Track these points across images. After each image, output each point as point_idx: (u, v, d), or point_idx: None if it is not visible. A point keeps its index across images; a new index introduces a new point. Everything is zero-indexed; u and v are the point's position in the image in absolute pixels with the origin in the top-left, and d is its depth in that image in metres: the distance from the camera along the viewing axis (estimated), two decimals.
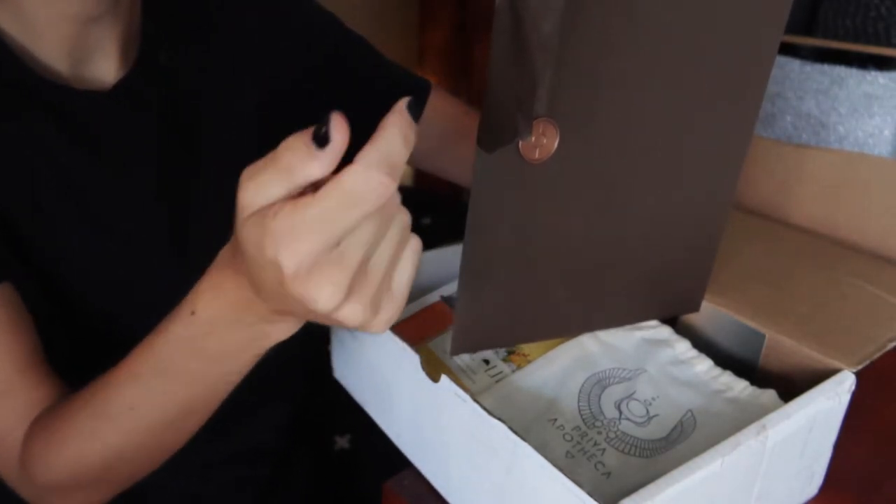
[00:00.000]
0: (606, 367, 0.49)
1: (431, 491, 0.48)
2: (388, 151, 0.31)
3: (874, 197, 0.66)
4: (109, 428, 0.45)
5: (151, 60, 0.58)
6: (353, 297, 0.32)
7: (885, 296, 0.55)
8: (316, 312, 0.32)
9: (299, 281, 0.31)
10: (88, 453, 0.46)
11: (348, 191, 0.30)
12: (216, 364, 0.41)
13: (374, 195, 0.30)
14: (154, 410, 0.44)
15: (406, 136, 0.32)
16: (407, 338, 0.47)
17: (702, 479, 0.37)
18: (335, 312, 0.32)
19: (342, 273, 0.31)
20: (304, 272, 0.30)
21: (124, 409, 0.44)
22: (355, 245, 0.31)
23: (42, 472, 0.47)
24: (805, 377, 0.47)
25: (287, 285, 0.31)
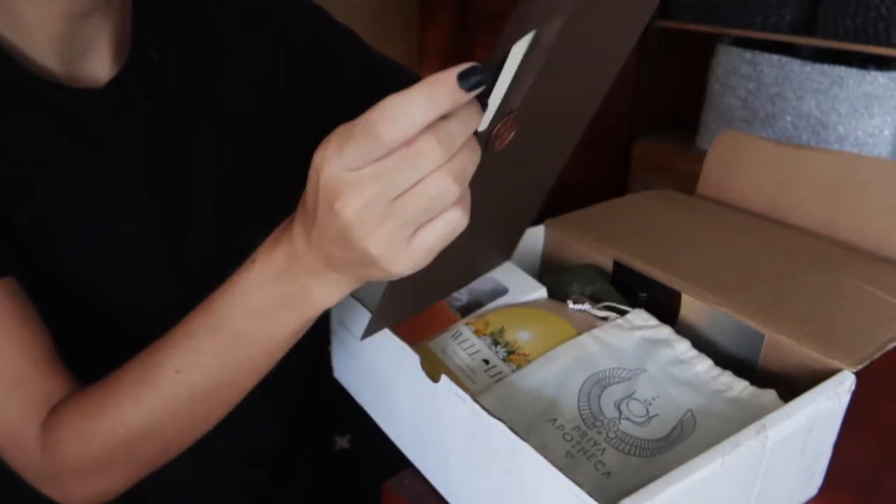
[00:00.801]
0: (606, 367, 0.49)
1: (431, 491, 0.48)
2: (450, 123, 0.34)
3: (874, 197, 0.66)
4: (152, 393, 0.46)
5: (143, 58, 0.58)
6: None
7: (885, 296, 0.55)
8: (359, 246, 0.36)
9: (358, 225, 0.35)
10: (129, 420, 0.47)
11: (414, 154, 0.33)
12: (262, 321, 0.43)
13: (433, 162, 0.33)
14: (198, 374, 0.45)
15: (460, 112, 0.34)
16: (407, 338, 0.47)
17: (702, 479, 0.37)
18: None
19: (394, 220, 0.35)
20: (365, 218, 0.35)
21: (171, 371, 0.45)
22: (402, 199, 0.35)
23: (76, 448, 0.48)
24: (805, 377, 0.47)
25: (347, 229, 0.35)
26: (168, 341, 0.46)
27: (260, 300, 0.42)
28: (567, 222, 0.67)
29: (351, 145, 0.34)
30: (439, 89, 0.32)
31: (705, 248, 0.63)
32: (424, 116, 0.32)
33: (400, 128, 0.33)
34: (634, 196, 0.75)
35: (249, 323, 0.43)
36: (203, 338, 0.45)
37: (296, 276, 0.41)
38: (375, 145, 0.33)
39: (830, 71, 1.60)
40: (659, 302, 0.57)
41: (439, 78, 0.32)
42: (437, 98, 0.32)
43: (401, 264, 0.36)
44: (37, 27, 0.52)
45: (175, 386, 0.46)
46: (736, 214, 0.72)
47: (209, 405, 0.47)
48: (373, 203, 0.35)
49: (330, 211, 0.36)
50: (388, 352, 0.49)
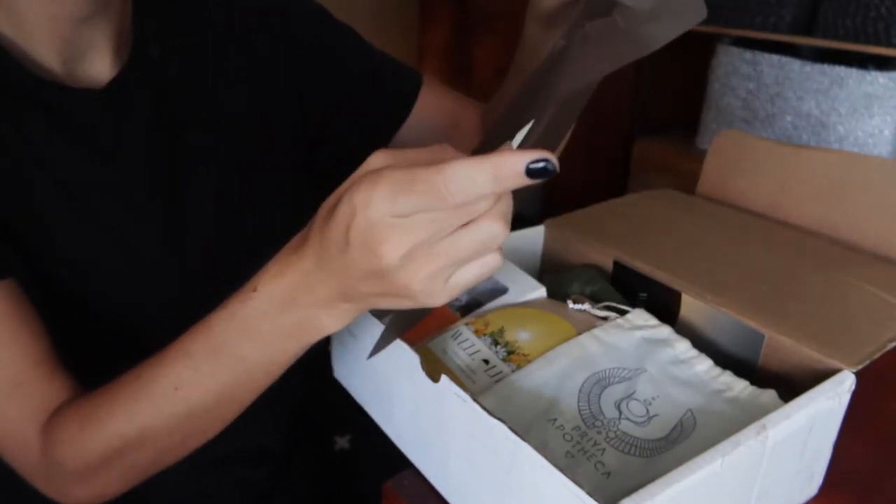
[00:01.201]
0: (606, 367, 0.49)
1: (431, 491, 0.48)
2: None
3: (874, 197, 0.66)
4: (147, 408, 0.46)
5: (143, 57, 0.58)
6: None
7: (885, 296, 0.55)
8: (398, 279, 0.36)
9: (403, 271, 0.35)
10: (124, 432, 0.47)
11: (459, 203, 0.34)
12: (264, 347, 0.43)
13: (484, 207, 0.35)
14: (196, 392, 0.45)
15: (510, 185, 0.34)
16: (407, 338, 0.47)
17: (702, 479, 0.37)
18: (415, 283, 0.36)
19: (433, 264, 0.35)
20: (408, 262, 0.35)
21: (169, 388, 0.45)
22: (446, 242, 0.35)
23: (72, 453, 0.48)
24: (805, 377, 0.47)
25: (387, 273, 0.35)
26: (166, 358, 0.46)
27: (262, 328, 0.42)
28: (567, 222, 0.67)
29: (407, 197, 0.34)
30: (506, 173, 0.33)
31: (705, 248, 0.63)
32: (487, 189, 0.33)
33: (464, 195, 0.33)
34: (634, 196, 0.75)
35: (251, 349, 0.43)
36: (202, 360, 0.44)
37: (303, 306, 0.40)
38: (435, 204, 0.34)
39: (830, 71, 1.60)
40: (659, 302, 0.57)
41: (508, 162, 0.33)
42: (502, 180, 0.33)
43: (437, 299, 0.37)
44: (38, 28, 0.52)
45: (173, 403, 0.46)
46: (736, 214, 0.72)
47: (207, 420, 0.47)
48: (421, 246, 0.35)
49: (371, 253, 0.35)
50: (388, 352, 0.49)
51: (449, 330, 0.53)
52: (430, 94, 0.75)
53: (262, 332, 0.42)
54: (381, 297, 0.38)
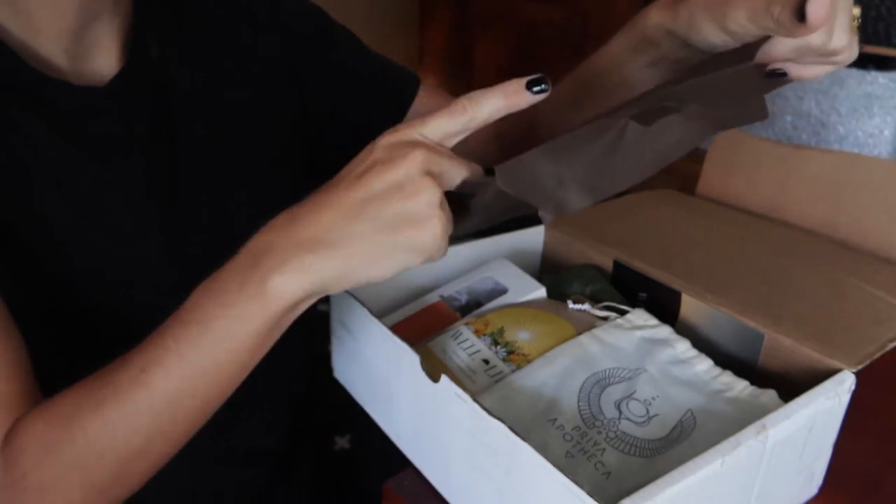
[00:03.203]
0: (606, 367, 0.49)
1: (431, 491, 0.48)
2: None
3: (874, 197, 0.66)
4: (112, 397, 0.44)
5: (144, 55, 0.58)
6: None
7: (885, 296, 0.55)
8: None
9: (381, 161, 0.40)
10: (88, 426, 0.44)
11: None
12: (227, 310, 0.41)
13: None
14: (160, 375, 0.43)
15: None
16: (407, 338, 0.47)
17: (702, 479, 0.37)
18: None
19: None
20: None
21: (136, 371, 0.43)
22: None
23: (33, 461, 0.45)
24: (805, 377, 0.47)
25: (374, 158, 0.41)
26: (140, 346, 0.44)
27: (228, 285, 0.42)
28: (567, 222, 0.67)
29: (436, 117, 0.41)
30: (513, 88, 0.42)
31: (705, 248, 0.63)
32: (498, 106, 0.42)
33: (479, 109, 0.41)
34: (634, 196, 0.75)
35: (213, 311, 0.42)
36: (169, 332, 0.43)
37: (269, 257, 0.41)
38: (456, 118, 0.41)
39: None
40: (659, 302, 0.57)
41: (514, 82, 0.42)
42: (510, 95, 0.41)
43: (441, 228, 0.40)
44: (46, 24, 0.52)
45: (136, 389, 0.43)
46: (736, 214, 0.72)
47: (168, 417, 0.44)
48: (443, 166, 0.40)
49: (399, 152, 0.40)
50: (388, 352, 0.49)
51: (449, 330, 0.53)
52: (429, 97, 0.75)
53: (227, 292, 0.41)
54: (375, 230, 0.39)
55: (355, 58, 0.73)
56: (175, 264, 0.59)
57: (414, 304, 0.58)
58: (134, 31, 0.58)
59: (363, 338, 0.52)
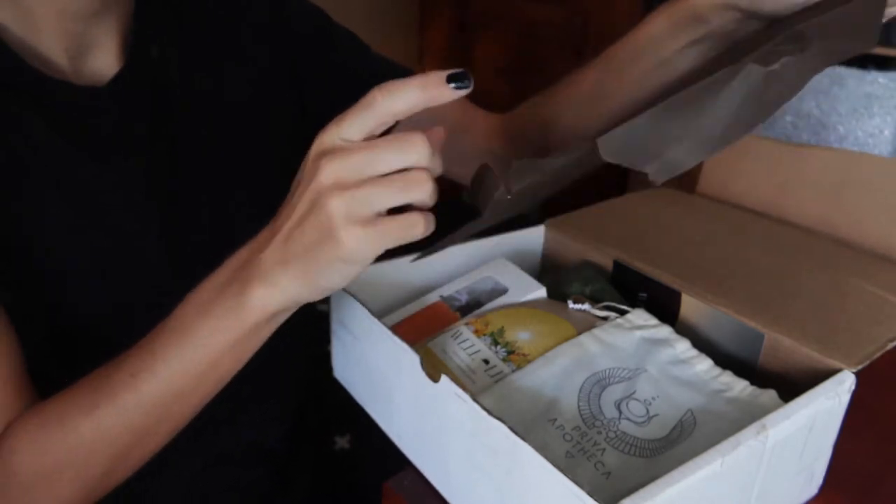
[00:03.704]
0: (606, 367, 0.49)
1: (431, 491, 0.48)
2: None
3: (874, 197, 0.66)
4: (105, 399, 0.45)
5: (144, 55, 0.58)
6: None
7: (885, 295, 0.55)
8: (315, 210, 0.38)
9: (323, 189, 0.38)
10: (80, 427, 0.46)
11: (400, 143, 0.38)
12: (206, 319, 0.42)
13: (419, 157, 0.38)
14: (148, 379, 0.44)
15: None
16: (407, 338, 0.47)
17: (702, 479, 0.37)
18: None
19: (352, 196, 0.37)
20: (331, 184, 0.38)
21: (126, 376, 0.45)
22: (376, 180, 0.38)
23: (26, 460, 0.46)
24: (805, 377, 0.47)
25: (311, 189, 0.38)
26: (134, 347, 0.46)
27: (207, 296, 0.43)
28: (567, 222, 0.67)
29: (350, 114, 0.38)
30: (432, 81, 0.37)
31: (705, 247, 0.63)
32: (415, 99, 0.37)
33: (394, 101, 0.37)
34: (634, 196, 0.75)
35: (195, 318, 0.43)
36: (157, 338, 0.44)
37: (248, 272, 0.41)
38: (369, 112, 0.37)
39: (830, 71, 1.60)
40: (659, 302, 0.57)
41: (433, 73, 0.38)
42: (428, 87, 0.37)
43: (356, 242, 0.37)
44: (46, 23, 0.52)
45: (127, 393, 0.45)
46: (736, 214, 0.72)
47: (156, 419, 0.46)
48: (354, 167, 0.37)
49: (313, 168, 0.38)
50: (388, 352, 0.49)
51: (449, 330, 0.53)
52: None
53: (206, 302, 0.42)
54: (305, 251, 0.39)
55: (355, 58, 0.73)
56: (175, 264, 0.59)
57: (414, 304, 0.58)
58: (134, 32, 0.58)
59: (363, 338, 0.52)
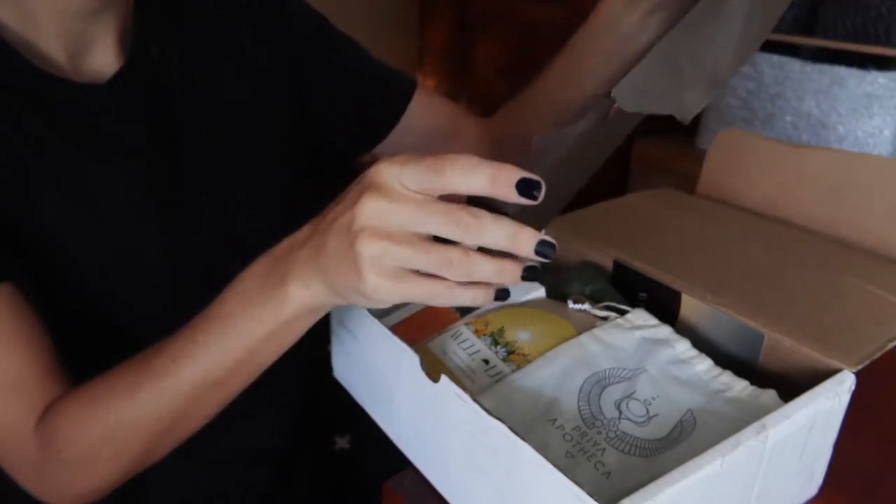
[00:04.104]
0: (606, 367, 0.49)
1: (431, 491, 0.48)
2: (506, 231, 0.37)
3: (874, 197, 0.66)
4: (146, 382, 0.47)
5: (144, 53, 0.58)
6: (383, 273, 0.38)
7: (885, 295, 0.55)
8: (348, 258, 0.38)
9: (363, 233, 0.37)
10: (121, 408, 0.47)
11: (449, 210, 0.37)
12: (246, 309, 0.44)
13: (469, 237, 0.37)
14: (188, 365, 0.46)
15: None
16: (407, 338, 0.47)
17: (702, 479, 0.37)
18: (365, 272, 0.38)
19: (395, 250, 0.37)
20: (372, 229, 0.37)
21: (167, 361, 0.46)
22: (415, 240, 0.38)
23: (69, 438, 0.48)
24: (805, 377, 0.47)
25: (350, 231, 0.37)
26: (176, 334, 0.47)
27: (249, 285, 0.44)
28: (567, 222, 0.67)
29: (415, 166, 0.37)
30: (503, 178, 0.36)
31: (705, 248, 0.63)
32: (480, 186, 0.36)
33: (460, 179, 0.36)
34: (634, 196, 0.75)
35: (235, 309, 0.44)
36: (198, 326, 0.46)
37: (286, 266, 0.42)
38: (435, 176, 0.36)
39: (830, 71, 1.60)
40: (659, 302, 0.57)
41: (508, 170, 0.36)
42: (498, 183, 0.36)
43: (379, 284, 0.38)
44: (46, 22, 0.52)
45: (169, 376, 0.46)
46: (736, 214, 0.72)
47: (194, 403, 0.48)
48: (399, 218, 0.37)
49: (359, 196, 0.37)
50: (388, 352, 0.49)
51: (449, 330, 0.53)
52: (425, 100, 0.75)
53: (247, 291, 0.44)
54: (335, 266, 0.39)
55: (354, 59, 0.73)
56: (175, 264, 0.59)
57: (414, 304, 0.58)
58: (134, 31, 0.59)
59: (363, 338, 0.52)
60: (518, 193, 0.36)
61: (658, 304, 0.57)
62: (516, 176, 0.36)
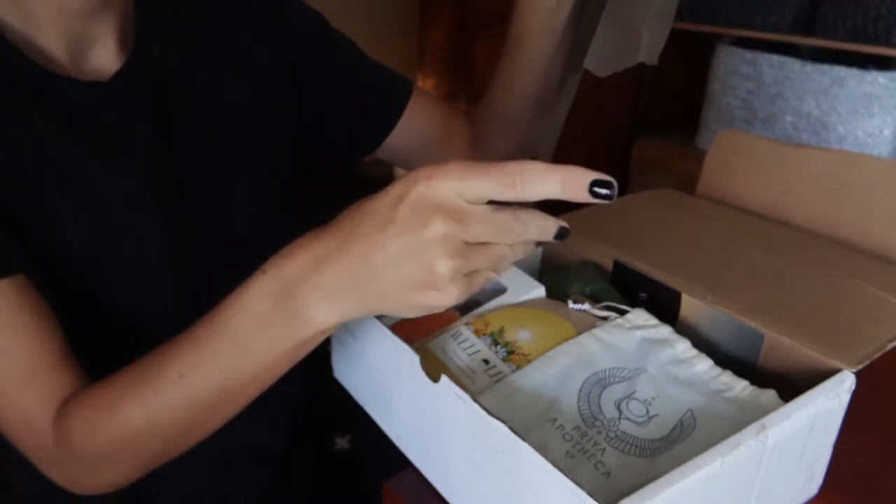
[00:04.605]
0: (606, 367, 0.49)
1: (431, 491, 0.48)
2: (540, 225, 0.40)
3: (874, 197, 0.66)
4: (155, 395, 0.46)
5: (145, 52, 0.58)
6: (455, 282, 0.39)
7: (885, 296, 0.55)
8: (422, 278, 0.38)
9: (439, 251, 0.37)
10: (133, 418, 0.47)
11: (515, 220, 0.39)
12: (262, 333, 0.43)
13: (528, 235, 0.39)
14: (198, 380, 0.45)
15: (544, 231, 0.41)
16: (407, 338, 0.47)
17: (702, 479, 0.37)
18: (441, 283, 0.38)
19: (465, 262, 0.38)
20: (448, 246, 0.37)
21: (175, 375, 0.46)
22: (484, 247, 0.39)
23: (84, 441, 0.48)
24: (805, 377, 0.47)
25: (425, 248, 0.37)
26: (177, 344, 0.46)
27: (262, 310, 0.42)
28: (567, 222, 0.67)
29: (481, 180, 0.37)
30: (573, 181, 0.37)
31: (705, 248, 0.63)
32: (550, 193, 0.37)
33: (530, 188, 0.37)
34: (634, 196, 0.75)
35: (249, 332, 0.43)
36: (206, 344, 0.45)
37: (304, 290, 0.41)
38: (507, 191, 0.37)
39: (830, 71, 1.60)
40: (659, 302, 0.57)
41: (578, 173, 0.37)
42: (568, 188, 0.37)
43: (456, 292, 0.39)
44: (46, 21, 0.52)
45: (177, 390, 0.46)
46: (736, 214, 0.72)
47: (208, 413, 0.47)
48: (468, 234, 0.37)
49: (417, 223, 0.37)
50: (388, 352, 0.49)
51: (449, 330, 0.53)
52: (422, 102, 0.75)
53: (262, 315, 0.42)
54: (394, 288, 0.39)
55: (354, 60, 0.73)
56: (176, 263, 0.59)
57: None
58: (135, 30, 0.59)
59: (363, 338, 0.52)
60: (591, 195, 0.37)
61: (658, 304, 0.57)
62: (587, 178, 0.37)
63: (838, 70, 1.59)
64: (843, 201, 0.68)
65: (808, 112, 1.66)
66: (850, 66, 1.58)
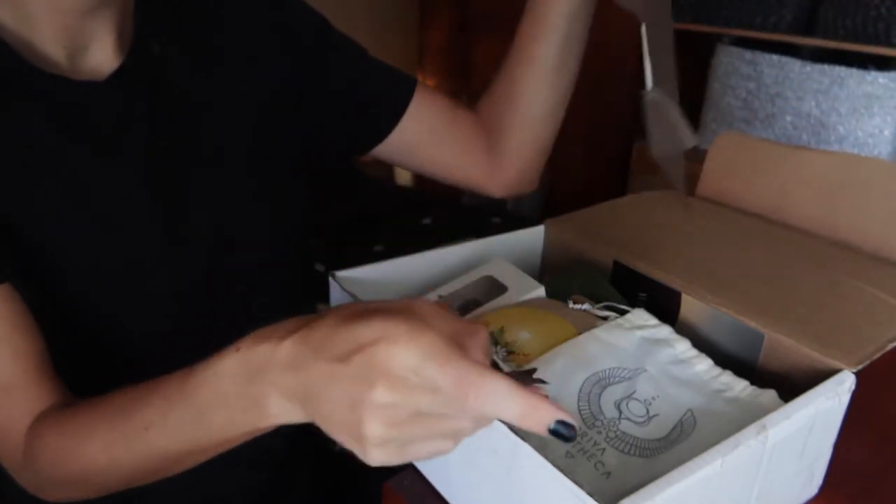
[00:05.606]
0: (606, 367, 0.49)
1: (431, 491, 0.48)
2: (503, 405, 0.34)
3: (874, 198, 0.66)
4: (119, 442, 0.47)
5: (144, 51, 0.58)
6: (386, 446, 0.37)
7: (884, 296, 0.55)
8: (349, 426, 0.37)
9: (372, 414, 0.35)
10: (96, 458, 0.47)
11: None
12: (225, 411, 0.42)
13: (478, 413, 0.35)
14: (161, 437, 0.45)
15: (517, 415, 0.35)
16: None
17: (702, 479, 0.37)
18: (363, 444, 0.36)
19: (400, 430, 0.36)
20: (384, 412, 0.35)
21: (140, 427, 0.46)
22: (425, 423, 0.36)
23: (49, 465, 0.49)
24: (805, 377, 0.47)
25: (362, 406, 0.35)
26: (147, 395, 0.46)
27: (226, 388, 0.41)
28: (567, 222, 0.67)
29: (438, 370, 0.34)
30: (535, 417, 0.34)
31: (705, 248, 0.63)
32: (503, 418, 0.34)
33: (481, 406, 0.34)
34: (634, 196, 0.75)
35: (212, 406, 0.43)
36: (172, 406, 0.45)
37: (268, 383, 0.40)
38: (455, 395, 0.34)
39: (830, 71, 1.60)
40: (659, 302, 0.57)
41: (542, 408, 0.34)
42: (527, 421, 0.34)
43: (380, 458, 0.37)
44: (43, 20, 0.52)
45: (140, 442, 0.46)
46: (736, 215, 0.72)
47: (171, 463, 0.48)
48: (412, 410, 0.35)
49: (365, 382, 0.35)
50: None
51: None
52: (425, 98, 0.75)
53: (225, 395, 0.42)
54: (332, 421, 0.38)
55: (355, 59, 0.73)
56: (174, 264, 0.59)
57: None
58: (134, 29, 0.59)
59: None
60: (550, 433, 0.34)
61: (658, 304, 0.57)
62: (551, 417, 0.34)
63: (838, 70, 1.59)
64: (842, 202, 0.68)
65: (808, 112, 1.66)
66: (850, 66, 1.58)
